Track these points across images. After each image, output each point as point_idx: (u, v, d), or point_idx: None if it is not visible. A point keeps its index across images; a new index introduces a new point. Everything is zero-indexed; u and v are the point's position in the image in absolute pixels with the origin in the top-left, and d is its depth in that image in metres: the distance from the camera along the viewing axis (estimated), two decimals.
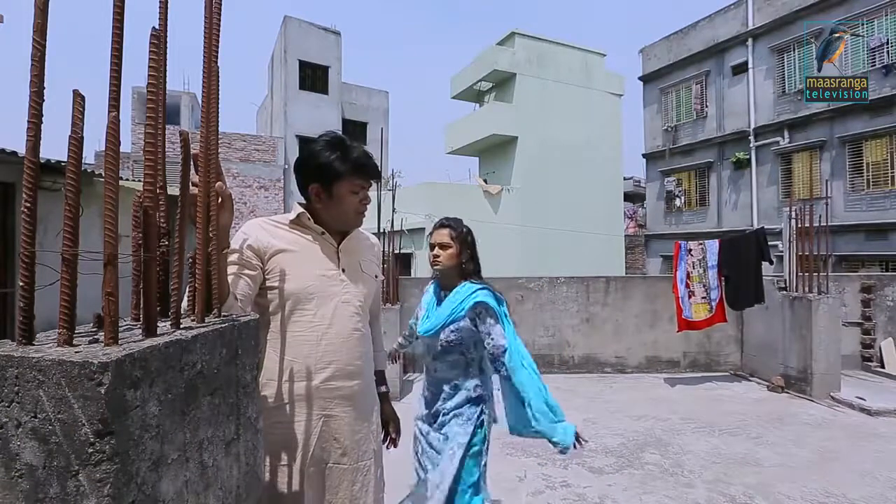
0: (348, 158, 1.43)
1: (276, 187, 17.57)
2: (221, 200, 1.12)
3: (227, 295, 1.18)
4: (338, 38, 19.82)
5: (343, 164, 1.42)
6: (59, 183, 3.77)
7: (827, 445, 3.98)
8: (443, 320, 1.96)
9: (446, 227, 2.02)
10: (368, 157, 1.48)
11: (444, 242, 2.00)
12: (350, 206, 1.46)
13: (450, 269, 2.01)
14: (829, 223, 5.78)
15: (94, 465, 0.65)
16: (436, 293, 2.12)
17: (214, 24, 1.04)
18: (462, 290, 1.98)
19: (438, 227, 2.05)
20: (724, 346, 6.62)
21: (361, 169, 1.44)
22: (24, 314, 0.74)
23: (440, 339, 1.97)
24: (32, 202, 0.73)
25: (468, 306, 1.93)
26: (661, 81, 17.05)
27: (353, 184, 1.44)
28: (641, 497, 3.11)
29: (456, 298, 1.97)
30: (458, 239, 2.01)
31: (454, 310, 1.95)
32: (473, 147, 18.24)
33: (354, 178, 1.44)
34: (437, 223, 2.08)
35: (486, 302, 1.93)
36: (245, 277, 1.32)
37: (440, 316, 1.98)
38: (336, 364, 1.41)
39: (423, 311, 2.12)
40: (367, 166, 1.46)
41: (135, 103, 19.02)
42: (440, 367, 2.03)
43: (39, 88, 0.71)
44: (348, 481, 1.42)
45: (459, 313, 1.94)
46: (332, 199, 1.45)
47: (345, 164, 1.42)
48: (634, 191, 26.02)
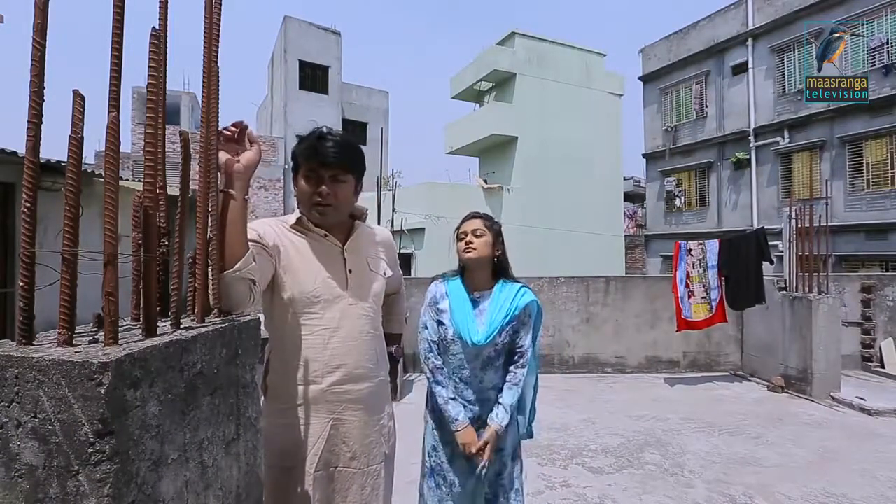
0: (301, 145, 1.39)
1: (276, 187, 17.57)
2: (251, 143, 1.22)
3: (244, 250, 1.15)
4: (338, 38, 19.82)
5: (299, 151, 1.39)
6: (59, 183, 3.76)
7: (827, 445, 3.98)
8: (500, 323, 1.76)
9: (479, 218, 1.85)
10: (324, 142, 1.36)
11: (478, 229, 1.80)
12: (304, 194, 1.40)
13: (483, 260, 1.80)
14: (829, 223, 5.78)
15: (94, 465, 0.65)
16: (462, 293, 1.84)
17: (214, 24, 1.04)
18: (508, 287, 1.82)
19: (470, 217, 1.86)
20: (724, 346, 6.62)
21: (310, 153, 1.36)
22: (24, 314, 0.74)
23: (497, 343, 1.77)
24: (32, 202, 0.73)
25: (522, 304, 1.78)
26: (661, 81, 17.05)
27: (304, 170, 1.39)
28: (641, 497, 3.11)
29: (506, 297, 1.79)
30: (492, 230, 1.83)
31: (509, 310, 1.77)
32: (473, 147, 18.24)
33: (305, 164, 1.38)
34: (467, 215, 1.89)
35: (537, 303, 1.83)
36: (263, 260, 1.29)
37: (495, 319, 1.76)
38: (345, 368, 1.39)
39: (450, 313, 1.81)
40: (314, 150, 1.36)
41: (135, 103, 19.00)
42: (489, 376, 1.81)
43: (39, 88, 0.71)
44: (358, 485, 1.40)
45: (515, 312, 1.77)
46: (297, 190, 1.43)
47: (299, 151, 1.39)
48: (634, 191, 26.02)
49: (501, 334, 1.76)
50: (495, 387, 1.80)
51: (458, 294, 1.83)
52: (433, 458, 1.84)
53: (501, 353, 1.80)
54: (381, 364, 1.52)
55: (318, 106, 18.96)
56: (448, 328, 1.79)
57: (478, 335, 1.75)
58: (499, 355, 1.79)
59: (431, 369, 1.82)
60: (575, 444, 3.97)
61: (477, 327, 1.76)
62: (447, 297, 1.83)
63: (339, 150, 1.37)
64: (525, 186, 16.34)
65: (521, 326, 1.80)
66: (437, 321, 1.83)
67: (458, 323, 1.78)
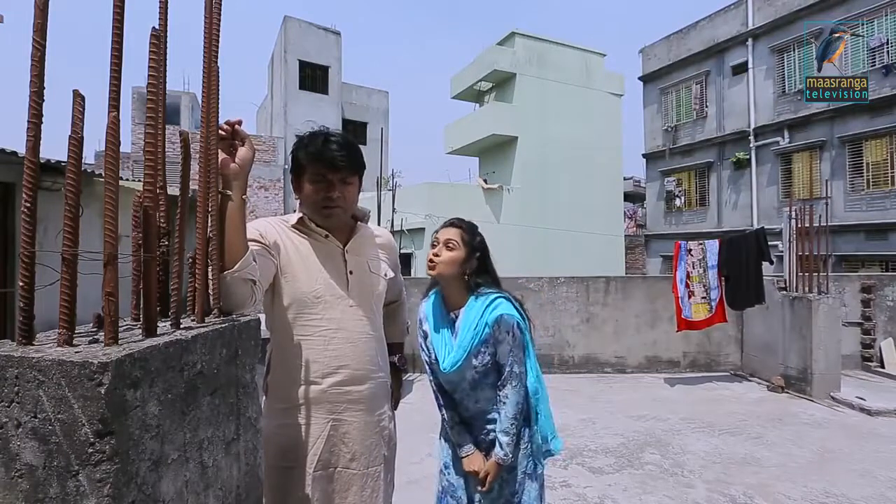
0: (308, 148, 1.40)
1: (276, 187, 17.57)
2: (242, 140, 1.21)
3: (243, 250, 1.15)
4: (338, 38, 19.82)
5: (304, 154, 1.41)
6: (59, 183, 3.76)
7: (827, 445, 3.98)
8: (468, 346, 1.61)
9: (456, 227, 1.68)
10: (329, 146, 1.38)
11: (451, 240, 1.65)
12: (311, 198, 1.41)
13: (448, 277, 1.66)
14: (829, 223, 5.78)
15: (94, 465, 0.65)
16: (437, 313, 1.73)
17: (214, 24, 1.04)
18: (479, 302, 1.64)
19: (448, 224, 1.71)
20: (724, 346, 6.62)
21: (317, 157, 1.38)
22: (24, 314, 0.74)
23: (475, 365, 1.63)
24: (32, 202, 0.73)
25: (492, 320, 1.60)
26: (661, 81, 17.05)
27: (311, 173, 1.40)
28: (641, 497, 3.11)
29: (475, 314, 1.63)
30: (468, 244, 1.66)
31: (476, 330, 1.61)
32: (473, 147, 18.25)
33: (312, 167, 1.40)
34: (446, 222, 1.74)
35: (510, 314, 1.61)
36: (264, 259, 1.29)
37: (463, 342, 1.62)
38: (345, 368, 1.39)
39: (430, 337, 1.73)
40: (321, 154, 1.38)
41: (135, 103, 19.01)
42: (483, 396, 1.68)
43: (39, 88, 0.71)
44: (358, 486, 1.40)
45: (486, 330, 1.60)
46: (302, 192, 1.44)
47: (305, 154, 1.40)
48: (634, 191, 26.02)
49: (477, 356, 1.62)
50: (494, 408, 1.67)
51: (435, 315, 1.73)
52: (445, 477, 1.76)
53: (488, 372, 1.65)
54: (382, 365, 1.52)
55: (318, 106, 18.96)
56: (431, 352, 1.72)
57: (445, 362, 1.64)
58: (485, 375, 1.65)
59: (434, 392, 1.76)
60: (575, 445, 3.97)
61: (449, 351, 1.66)
62: (427, 319, 1.75)
63: (346, 153, 1.39)
64: (525, 186, 16.34)
65: (499, 343, 1.62)
66: (423, 345, 1.76)
67: (435, 347, 1.70)
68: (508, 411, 1.62)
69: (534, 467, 1.72)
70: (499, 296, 1.66)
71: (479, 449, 1.69)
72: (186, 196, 1.10)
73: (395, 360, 1.70)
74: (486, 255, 1.72)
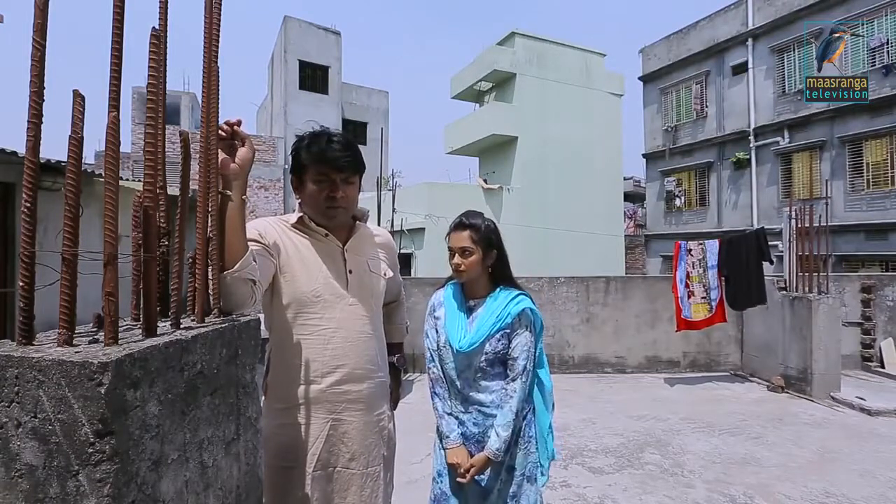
0: (311, 148, 1.41)
1: (276, 187, 17.56)
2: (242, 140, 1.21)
3: (243, 250, 1.15)
4: (338, 38, 19.82)
5: (307, 155, 1.41)
6: (59, 183, 3.76)
7: (827, 445, 3.98)
8: (488, 330, 1.68)
9: (466, 229, 1.73)
10: (332, 146, 1.40)
11: (466, 248, 1.71)
12: (314, 198, 1.41)
13: (475, 274, 1.74)
14: (829, 223, 5.78)
15: (94, 465, 0.65)
16: (457, 300, 1.81)
17: (214, 24, 1.04)
18: (503, 295, 1.74)
19: (457, 228, 1.75)
20: (724, 346, 6.62)
21: (320, 157, 1.39)
22: (24, 314, 0.74)
23: (485, 351, 1.69)
24: (32, 202, 0.73)
25: (515, 312, 1.69)
26: (661, 81, 17.05)
27: (315, 173, 1.40)
28: (641, 497, 3.11)
29: (499, 303, 1.72)
30: (482, 241, 1.73)
31: (500, 316, 1.69)
32: (473, 147, 18.25)
33: (315, 167, 1.40)
34: (454, 223, 1.77)
35: (533, 311, 1.73)
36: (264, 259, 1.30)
37: (483, 326, 1.70)
38: (344, 368, 1.39)
39: (444, 321, 1.79)
40: (325, 154, 1.39)
41: (135, 103, 19.01)
42: (485, 388, 1.74)
43: (39, 88, 0.71)
44: (357, 486, 1.41)
45: (506, 320, 1.69)
46: (304, 192, 1.44)
47: (308, 154, 1.41)
48: (634, 191, 26.02)
49: (490, 342, 1.68)
50: (493, 402, 1.70)
51: (453, 301, 1.80)
52: (437, 486, 1.77)
53: (494, 362, 1.71)
54: (381, 365, 1.52)
55: (318, 106, 18.96)
56: (441, 335, 1.77)
57: (462, 341, 1.70)
58: (491, 365, 1.71)
59: (432, 379, 1.80)
60: (575, 444, 3.97)
61: (465, 334, 1.72)
62: (443, 305, 1.82)
63: (349, 154, 1.41)
64: (525, 186, 16.34)
65: (515, 335, 1.70)
66: (434, 329, 1.81)
67: (448, 329, 1.75)
68: (513, 405, 1.66)
69: (536, 470, 1.73)
70: (523, 293, 1.76)
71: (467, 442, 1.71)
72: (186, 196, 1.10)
73: (394, 359, 1.70)
74: (500, 241, 1.79)
